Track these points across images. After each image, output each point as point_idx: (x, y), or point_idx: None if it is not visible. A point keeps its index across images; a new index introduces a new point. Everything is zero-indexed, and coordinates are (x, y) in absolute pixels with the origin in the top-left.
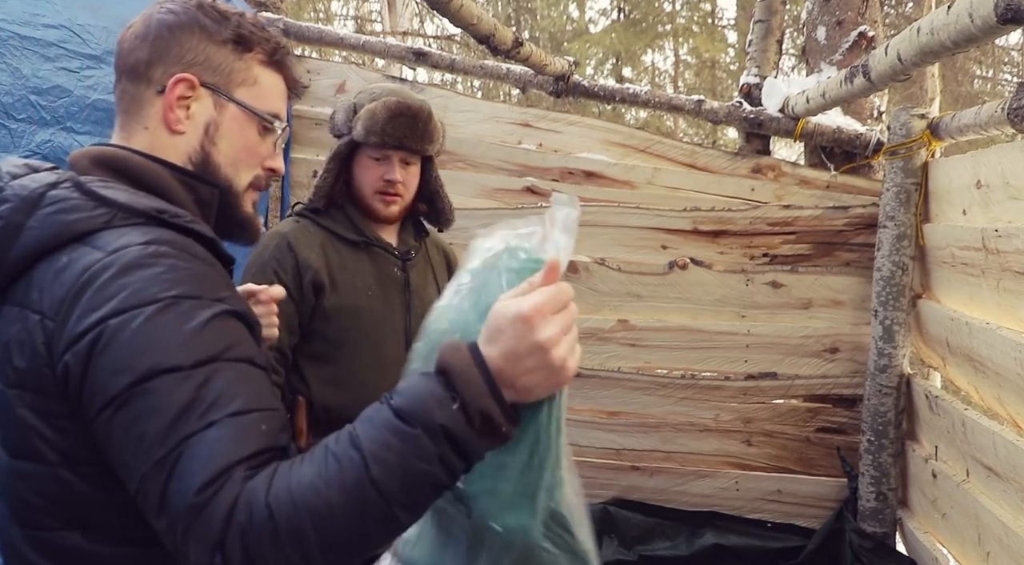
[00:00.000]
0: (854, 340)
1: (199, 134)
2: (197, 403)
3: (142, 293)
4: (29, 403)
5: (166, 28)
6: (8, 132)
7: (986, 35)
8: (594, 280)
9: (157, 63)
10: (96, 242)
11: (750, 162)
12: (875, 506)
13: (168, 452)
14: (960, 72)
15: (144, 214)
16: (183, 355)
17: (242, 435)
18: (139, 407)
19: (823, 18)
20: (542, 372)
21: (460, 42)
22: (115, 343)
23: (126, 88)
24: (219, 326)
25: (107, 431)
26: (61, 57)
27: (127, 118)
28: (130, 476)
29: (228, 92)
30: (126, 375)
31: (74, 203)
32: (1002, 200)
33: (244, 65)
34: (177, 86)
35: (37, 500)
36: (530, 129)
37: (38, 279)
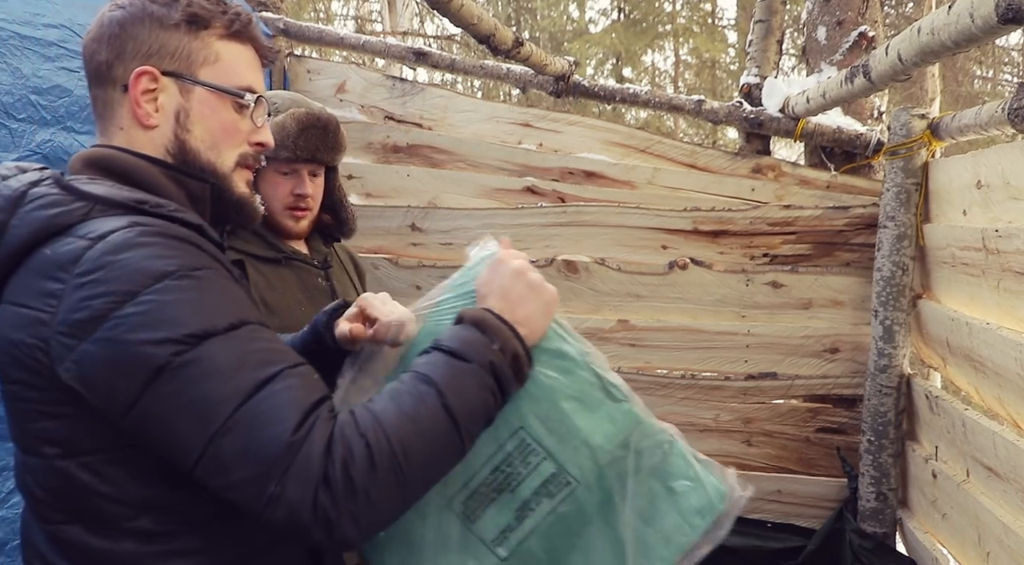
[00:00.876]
0: (854, 340)
1: (171, 124)
2: (248, 360)
3: (146, 271)
4: (24, 396)
5: (117, 25)
6: (8, 132)
7: (987, 35)
8: (594, 280)
9: (116, 62)
10: (78, 231)
11: (750, 162)
12: (875, 506)
13: (238, 406)
14: (960, 72)
15: (123, 205)
16: (213, 320)
17: (306, 383)
18: (190, 373)
19: (823, 18)
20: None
21: (460, 42)
22: (138, 323)
23: (96, 94)
24: (229, 291)
25: (157, 406)
26: (61, 57)
27: (103, 122)
28: (191, 442)
29: (191, 75)
30: (165, 346)
31: (53, 198)
32: (1002, 200)
33: (201, 44)
34: (138, 81)
35: (40, 493)
36: (530, 129)
37: (25, 275)
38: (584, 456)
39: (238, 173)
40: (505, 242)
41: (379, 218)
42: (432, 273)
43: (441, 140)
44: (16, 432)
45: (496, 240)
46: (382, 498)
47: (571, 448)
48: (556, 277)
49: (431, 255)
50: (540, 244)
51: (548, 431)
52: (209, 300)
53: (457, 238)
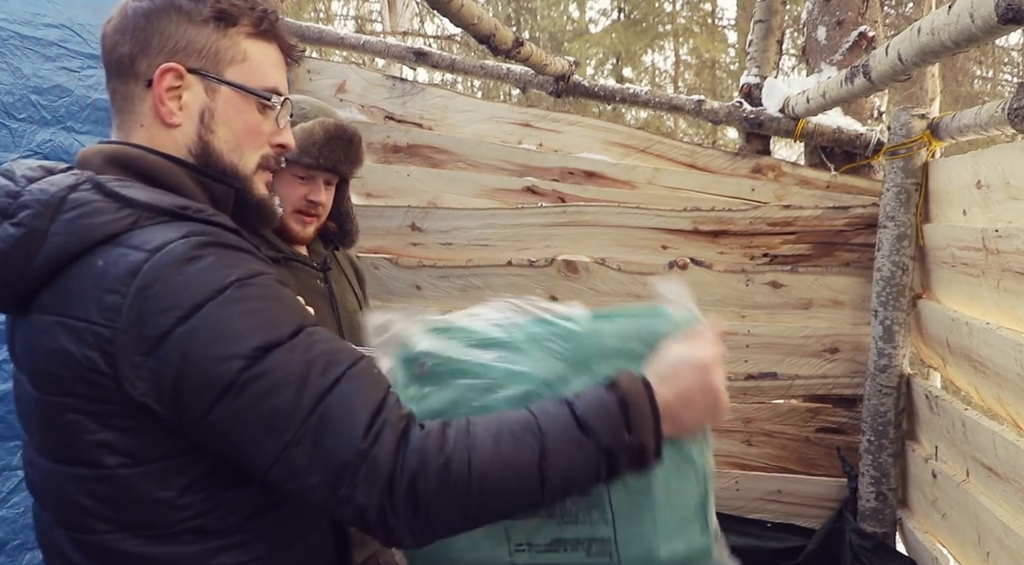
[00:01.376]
0: (854, 340)
1: (195, 124)
2: (313, 367)
3: (208, 284)
4: (81, 409)
5: (142, 16)
6: (9, 131)
7: (987, 35)
8: (594, 280)
9: (140, 56)
10: (129, 242)
11: (750, 162)
12: (875, 506)
13: (309, 414)
14: (960, 72)
15: (168, 212)
16: (277, 329)
17: (369, 382)
18: (259, 387)
19: (823, 18)
20: (703, 399)
21: (460, 42)
22: (206, 338)
23: (116, 86)
24: (284, 297)
25: (229, 419)
26: (62, 56)
27: (122, 117)
28: (264, 452)
29: (217, 74)
30: (235, 361)
31: (97, 206)
32: (1002, 200)
33: (230, 42)
34: (164, 77)
35: (89, 503)
36: (530, 129)
37: (71, 286)
38: (640, 550)
39: (259, 175)
40: (715, 324)
41: (379, 218)
42: (432, 273)
43: (441, 140)
44: (58, 443)
45: (686, 294)
46: (442, 519)
47: (635, 535)
48: (556, 277)
49: (431, 255)
50: (540, 244)
51: (627, 504)
52: (269, 309)
53: (457, 238)
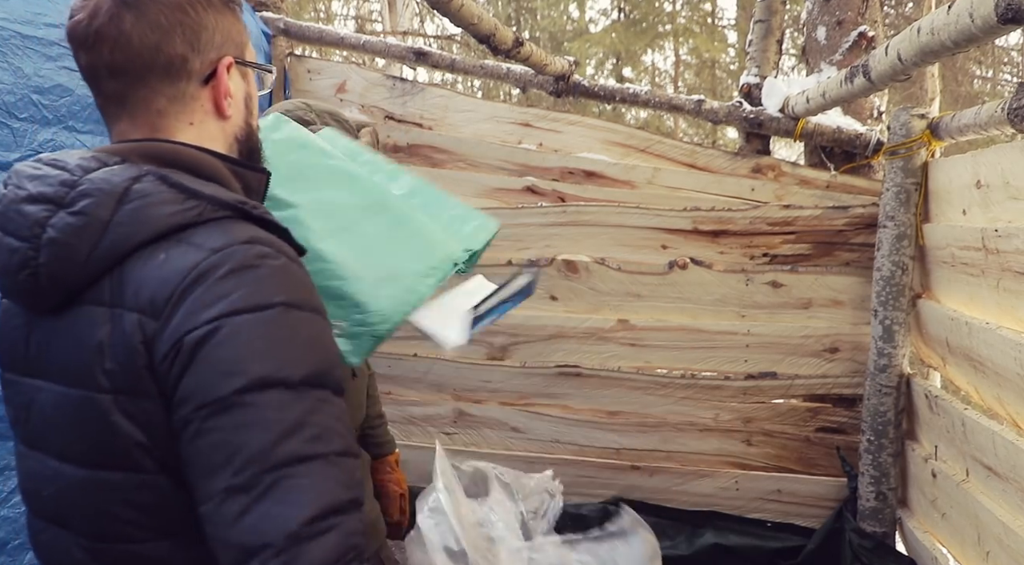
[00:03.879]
0: (854, 340)
1: (242, 111)
2: (305, 428)
3: (255, 295)
4: (126, 408)
5: (179, 10)
6: (10, 131)
7: (986, 35)
8: (594, 280)
9: (193, 54)
10: (193, 239)
11: (750, 162)
12: (875, 506)
13: (269, 469)
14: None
15: (231, 207)
16: (294, 367)
17: (345, 479)
18: (245, 415)
19: (823, 18)
20: None
21: (460, 42)
22: (228, 343)
23: (157, 88)
24: (323, 340)
25: (198, 431)
26: (63, 56)
27: (161, 119)
28: (209, 482)
29: (243, 57)
30: (236, 379)
31: (164, 196)
32: (1002, 200)
33: (241, 24)
34: (228, 72)
35: (125, 511)
36: (530, 129)
37: (130, 276)
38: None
39: None
40: None
41: None
42: None
43: (441, 140)
44: (93, 445)
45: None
46: None
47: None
48: (556, 277)
49: None
50: (540, 244)
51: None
52: (298, 345)
53: None
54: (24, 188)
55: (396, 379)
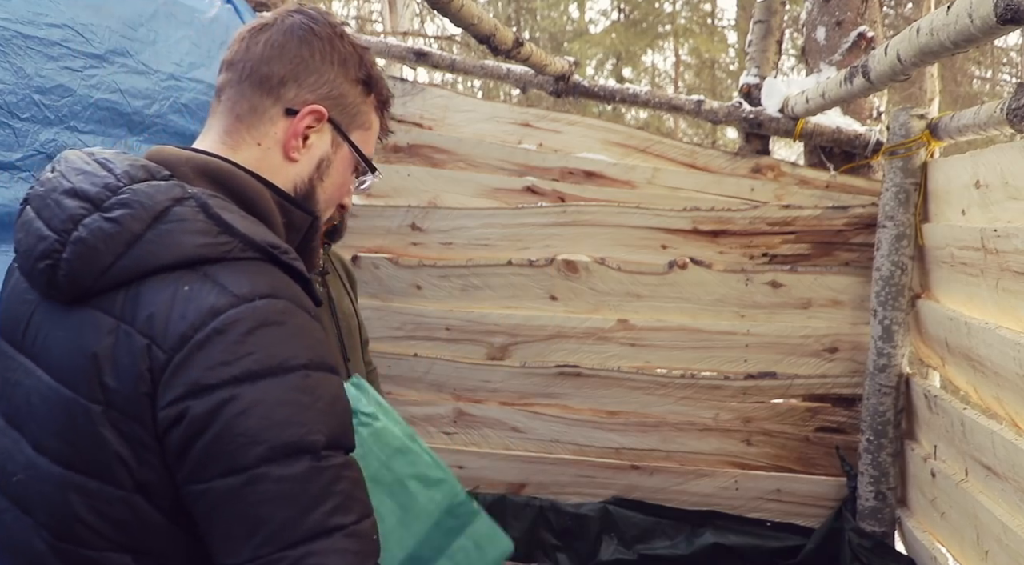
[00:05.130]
0: (853, 340)
1: (311, 167)
2: (329, 499)
3: (277, 357)
4: (116, 425)
5: (307, 49)
6: (12, 131)
7: (985, 36)
8: (594, 280)
9: (292, 84)
10: (218, 277)
11: (750, 162)
12: (874, 505)
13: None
14: (959, 73)
15: (261, 249)
16: (318, 434)
17: (365, 546)
18: (268, 488)
19: (822, 18)
20: None
21: (460, 42)
22: (251, 410)
23: (246, 93)
24: (341, 400)
25: (223, 500)
26: (64, 56)
27: (239, 125)
28: (234, 548)
29: (347, 132)
30: (260, 448)
31: (200, 226)
32: (1001, 200)
33: (367, 108)
34: (308, 116)
35: (93, 518)
36: (530, 129)
37: (147, 298)
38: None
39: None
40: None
41: (379, 218)
42: (432, 272)
43: (441, 140)
44: (76, 450)
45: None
46: None
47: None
48: (556, 276)
49: (431, 255)
50: (540, 244)
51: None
52: (319, 409)
53: (457, 238)
54: (69, 180)
55: (396, 379)
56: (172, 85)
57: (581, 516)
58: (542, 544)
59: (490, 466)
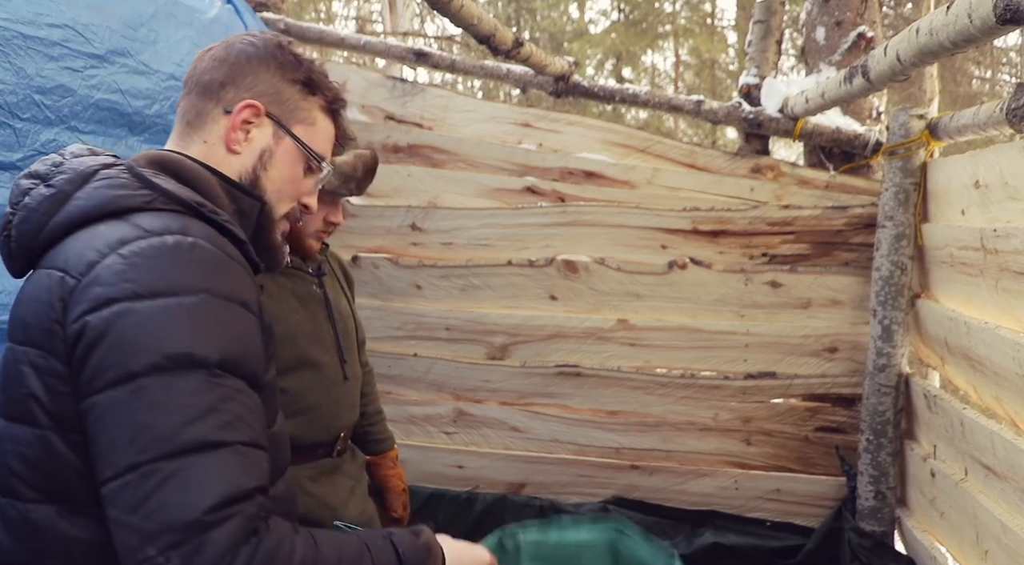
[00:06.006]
0: (853, 340)
1: (254, 158)
2: (215, 414)
3: (179, 280)
4: (32, 361)
5: (245, 57)
6: (13, 131)
7: (985, 36)
8: (594, 280)
9: (230, 86)
10: (135, 220)
11: (749, 162)
12: (874, 505)
13: (175, 454)
14: (959, 73)
15: (184, 203)
16: (210, 350)
17: (251, 467)
18: (154, 396)
19: (822, 19)
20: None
21: (460, 42)
22: (145, 321)
23: (193, 102)
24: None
25: (107, 406)
26: (65, 56)
27: (188, 129)
28: (112, 460)
29: (288, 125)
30: (150, 355)
31: (122, 181)
32: (1000, 200)
33: (307, 105)
34: (244, 110)
35: (18, 465)
36: (530, 129)
37: (72, 245)
38: None
39: (281, 223)
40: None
41: (379, 218)
42: (432, 272)
43: (441, 140)
44: (10, 397)
45: None
46: None
47: None
48: (556, 276)
49: (431, 255)
50: (540, 244)
51: None
52: (218, 331)
53: (457, 238)
54: (31, 168)
55: (396, 379)
56: (172, 85)
57: (581, 516)
58: None
59: (490, 466)
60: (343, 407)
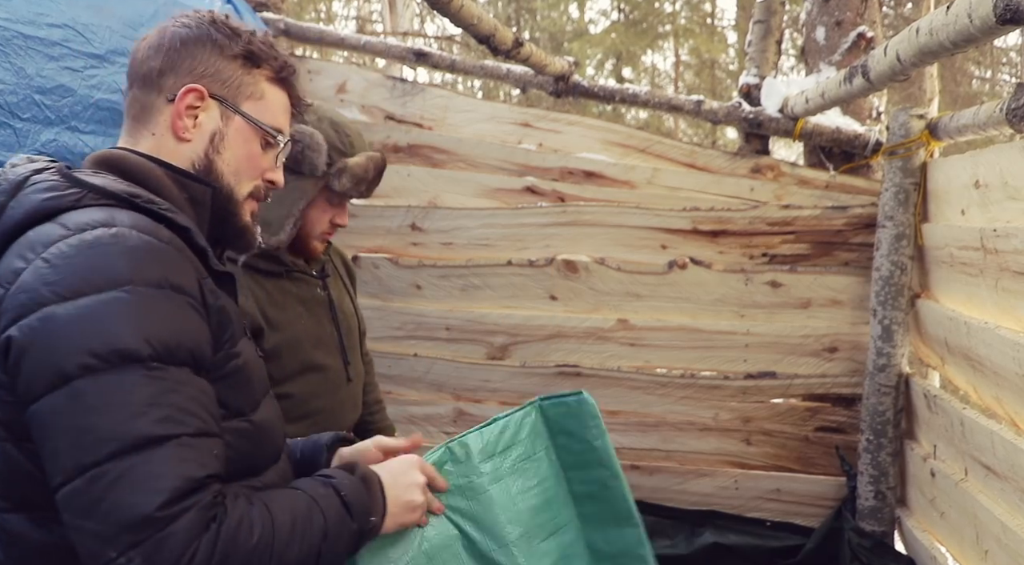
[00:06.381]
0: (853, 339)
1: (204, 142)
2: (156, 408)
3: (100, 275)
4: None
5: (179, 41)
6: (13, 131)
7: (985, 35)
8: (594, 279)
9: (169, 73)
10: (62, 219)
11: (749, 162)
12: (874, 505)
13: (118, 454)
14: (959, 72)
15: (115, 196)
16: (143, 344)
17: (200, 457)
18: (91, 397)
19: (822, 18)
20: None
21: (460, 42)
22: (70, 322)
23: (136, 95)
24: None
25: (50, 415)
26: (65, 56)
27: (135, 124)
28: (60, 466)
29: (235, 104)
30: (80, 356)
31: (50, 184)
32: (1000, 200)
33: (252, 79)
34: (187, 96)
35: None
36: (530, 129)
37: (7, 256)
38: None
39: (247, 203)
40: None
41: (379, 218)
42: (432, 272)
43: (441, 140)
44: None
45: None
46: None
47: None
48: (556, 276)
49: (431, 255)
50: (540, 244)
51: None
52: (148, 321)
53: (457, 238)
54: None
55: (396, 379)
56: None
57: None
58: None
59: None
60: (347, 407)
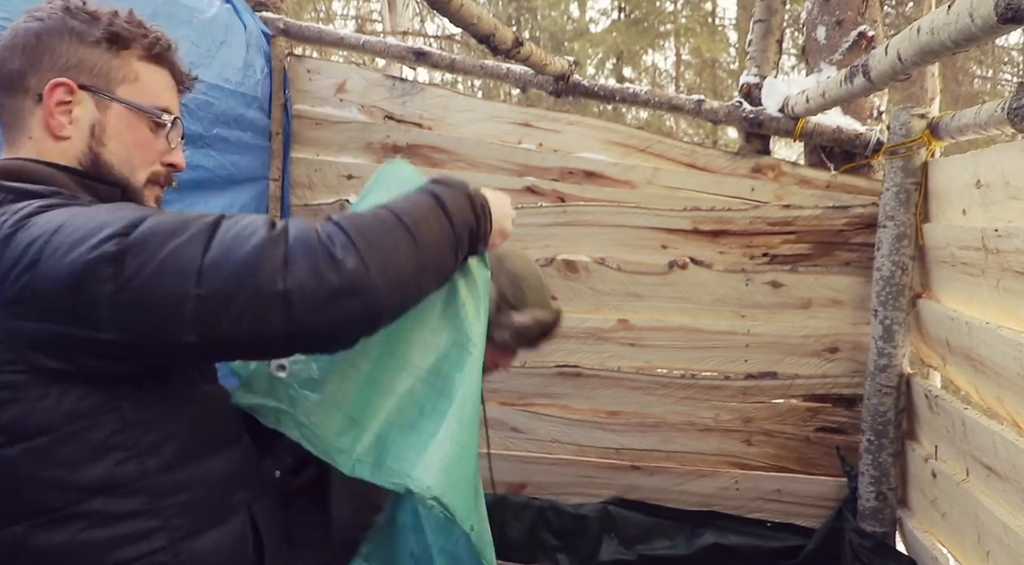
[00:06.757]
0: (854, 340)
1: (85, 137)
2: (187, 215)
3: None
4: None
5: (34, 36)
6: None
7: (986, 35)
8: (594, 280)
9: (30, 72)
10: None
11: (750, 162)
12: (875, 505)
13: (207, 245)
14: (960, 72)
15: (39, 195)
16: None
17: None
18: (146, 246)
19: (823, 18)
20: (502, 235)
21: (460, 42)
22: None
23: (5, 102)
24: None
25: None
26: None
27: (11, 132)
28: (180, 297)
29: (109, 91)
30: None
31: None
32: (1002, 200)
33: (122, 62)
34: (54, 92)
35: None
36: (530, 129)
37: None
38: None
39: (149, 189)
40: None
41: None
42: None
43: (441, 140)
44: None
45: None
46: (384, 251)
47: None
48: (556, 276)
49: None
50: (540, 244)
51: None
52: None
53: None
54: None
55: None
56: None
57: (581, 516)
58: (542, 545)
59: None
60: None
